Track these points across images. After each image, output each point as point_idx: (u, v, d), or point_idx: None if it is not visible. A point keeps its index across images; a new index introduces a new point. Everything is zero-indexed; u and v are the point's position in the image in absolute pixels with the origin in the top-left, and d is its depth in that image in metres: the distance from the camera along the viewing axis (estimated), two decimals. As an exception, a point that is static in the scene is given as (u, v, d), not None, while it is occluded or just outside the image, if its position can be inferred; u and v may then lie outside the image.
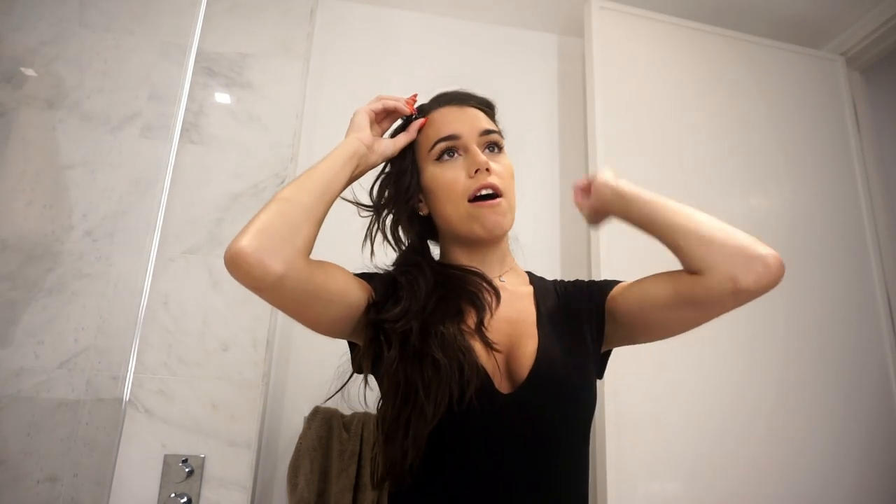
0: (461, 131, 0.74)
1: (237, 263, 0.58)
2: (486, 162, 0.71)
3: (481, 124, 0.75)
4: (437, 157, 0.75)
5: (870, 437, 1.41)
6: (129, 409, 1.18)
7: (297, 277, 0.60)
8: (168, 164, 1.31)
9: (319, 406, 1.29)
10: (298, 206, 0.63)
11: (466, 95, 0.80)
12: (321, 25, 1.63)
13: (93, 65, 1.35)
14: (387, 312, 0.67)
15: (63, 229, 1.25)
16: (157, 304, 1.25)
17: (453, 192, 0.72)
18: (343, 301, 0.67)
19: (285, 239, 0.60)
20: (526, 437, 0.66)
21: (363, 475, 1.22)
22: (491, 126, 0.77)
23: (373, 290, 0.71)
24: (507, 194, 0.73)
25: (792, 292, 1.47)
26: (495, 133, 0.76)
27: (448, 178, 0.73)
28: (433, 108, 0.79)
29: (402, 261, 0.79)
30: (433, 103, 0.80)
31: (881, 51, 1.66)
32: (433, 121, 0.77)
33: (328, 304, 0.66)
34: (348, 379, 0.74)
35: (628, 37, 1.56)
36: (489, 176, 0.71)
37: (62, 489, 1.13)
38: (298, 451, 1.24)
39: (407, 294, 0.69)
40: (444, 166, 0.74)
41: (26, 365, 1.16)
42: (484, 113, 0.79)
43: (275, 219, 0.61)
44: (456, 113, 0.77)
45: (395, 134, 0.81)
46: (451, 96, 0.80)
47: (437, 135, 0.75)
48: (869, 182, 1.64)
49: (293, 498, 1.20)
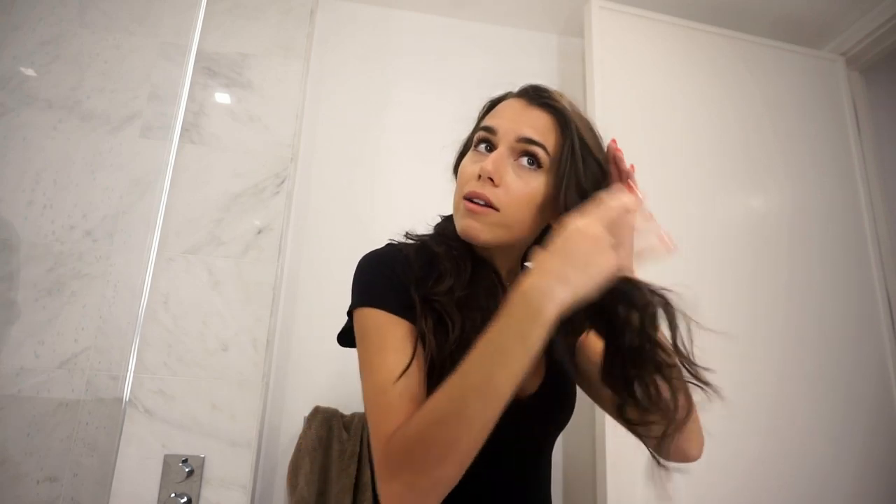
0: (501, 127, 0.67)
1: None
2: (490, 171, 0.64)
3: (526, 131, 0.65)
4: (475, 145, 0.70)
5: (869, 437, 1.41)
6: (129, 409, 1.18)
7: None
8: (168, 164, 1.31)
9: (319, 406, 1.29)
10: None
11: (538, 92, 0.70)
12: (321, 25, 1.63)
13: (93, 65, 1.35)
14: (436, 287, 0.63)
15: (63, 229, 1.25)
16: (157, 304, 1.25)
17: (460, 185, 0.69)
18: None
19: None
20: (526, 439, 0.68)
21: (363, 475, 1.22)
22: (537, 136, 0.65)
23: (415, 325, 0.63)
24: (506, 211, 0.64)
25: (792, 292, 1.47)
26: (537, 146, 0.65)
27: (466, 171, 0.68)
28: (508, 97, 0.73)
29: (442, 229, 0.74)
30: (516, 92, 0.74)
31: (881, 51, 1.66)
32: (498, 107, 0.71)
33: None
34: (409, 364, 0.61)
35: (628, 37, 1.56)
36: (488, 187, 0.64)
37: (62, 489, 1.13)
38: (298, 451, 1.24)
39: (451, 271, 0.65)
40: (474, 157, 0.69)
41: (26, 365, 1.16)
42: (555, 120, 0.67)
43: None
44: (516, 108, 0.69)
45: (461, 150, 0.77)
46: (524, 89, 0.72)
47: (487, 121, 0.70)
48: (869, 182, 1.64)
49: (293, 498, 1.20)
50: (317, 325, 1.41)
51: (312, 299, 1.43)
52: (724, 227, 1.48)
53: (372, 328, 0.61)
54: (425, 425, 0.52)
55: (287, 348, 1.39)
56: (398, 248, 0.69)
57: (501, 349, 0.51)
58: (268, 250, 1.32)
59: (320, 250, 1.47)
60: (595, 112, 1.45)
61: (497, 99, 0.75)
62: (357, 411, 1.30)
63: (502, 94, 0.75)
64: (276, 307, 1.33)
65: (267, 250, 1.32)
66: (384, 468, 0.53)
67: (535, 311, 0.51)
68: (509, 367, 0.51)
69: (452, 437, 0.50)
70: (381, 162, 1.57)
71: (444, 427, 0.50)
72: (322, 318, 1.41)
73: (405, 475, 0.51)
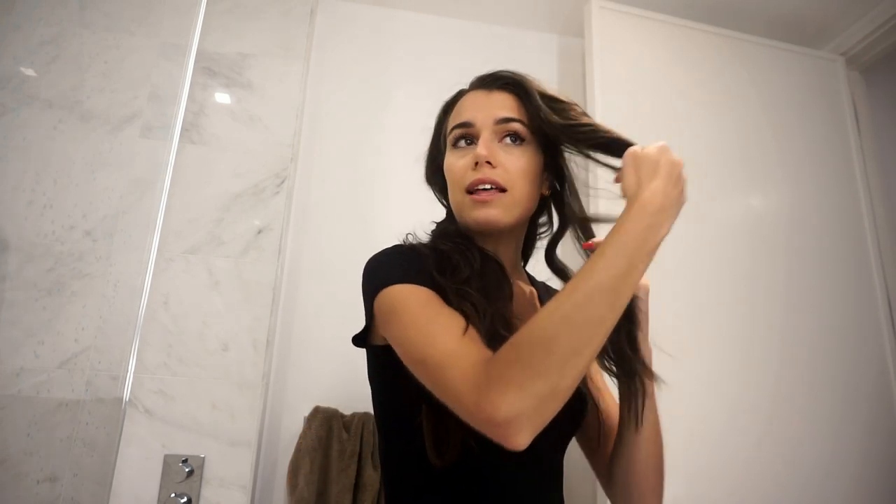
0: (475, 118, 0.69)
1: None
2: (485, 155, 0.66)
3: (499, 112, 0.69)
4: (453, 144, 0.72)
5: (869, 437, 1.41)
6: (129, 409, 1.18)
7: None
8: (168, 164, 1.31)
9: (319, 406, 1.29)
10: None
11: (493, 77, 0.73)
12: (321, 26, 1.63)
13: (93, 65, 1.35)
14: (455, 277, 0.63)
15: (63, 229, 1.25)
16: (157, 304, 1.25)
17: (457, 182, 0.69)
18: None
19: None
20: (550, 437, 0.68)
21: (363, 475, 1.22)
22: (511, 114, 0.69)
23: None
24: (513, 190, 0.67)
25: (791, 292, 1.47)
26: (515, 122, 0.69)
27: (456, 167, 0.69)
28: (465, 92, 0.76)
29: (440, 231, 0.75)
30: (469, 87, 0.77)
31: (881, 51, 1.66)
32: (459, 104, 0.74)
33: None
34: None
35: (628, 37, 1.56)
36: (488, 170, 0.66)
37: (62, 489, 1.13)
38: (298, 451, 1.24)
39: (462, 262, 0.65)
40: (457, 154, 0.70)
41: (26, 365, 1.16)
42: (516, 96, 0.71)
43: None
44: (479, 98, 0.72)
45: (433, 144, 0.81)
46: (480, 79, 0.75)
47: (455, 120, 0.72)
48: (869, 182, 1.64)
49: (293, 498, 1.20)
50: (317, 325, 1.41)
51: (312, 299, 1.43)
52: (723, 227, 1.48)
53: (412, 300, 0.59)
54: (548, 326, 0.49)
55: (287, 348, 1.39)
56: (409, 246, 0.70)
57: (627, 254, 0.52)
58: (268, 250, 1.32)
59: (320, 250, 1.47)
60: (595, 112, 1.45)
61: (451, 100, 0.77)
62: (357, 411, 1.30)
63: (454, 95, 0.77)
64: (276, 307, 1.33)
65: (267, 250, 1.32)
66: (484, 381, 0.48)
67: (658, 222, 0.54)
68: (632, 274, 0.52)
69: (577, 338, 0.48)
70: (381, 161, 1.57)
71: (570, 327, 0.48)
72: (322, 318, 1.41)
73: (520, 379, 0.47)
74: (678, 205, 0.58)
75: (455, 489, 0.63)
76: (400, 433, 0.66)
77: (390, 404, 0.67)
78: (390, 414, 0.68)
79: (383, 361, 0.65)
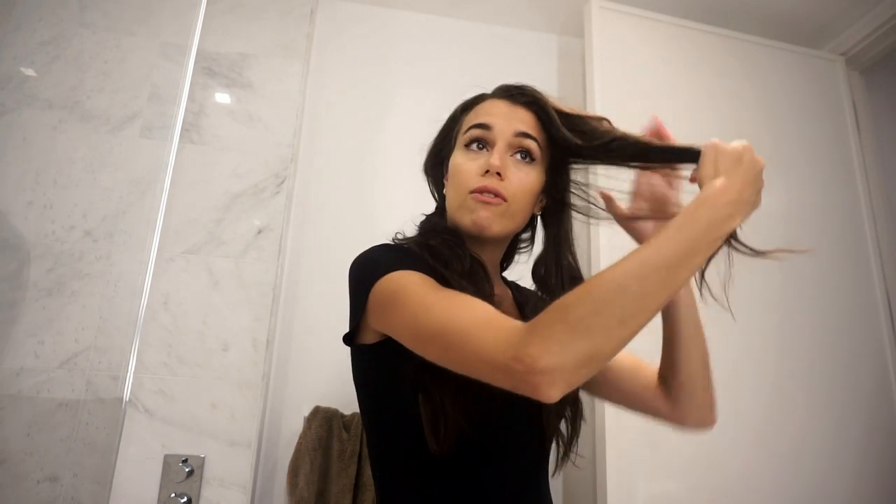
0: (495, 124, 0.70)
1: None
2: (498, 166, 0.67)
3: (520, 126, 0.70)
4: (466, 143, 0.72)
5: (868, 437, 1.41)
6: (129, 409, 1.18)
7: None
8: (168, 164, 1.31)
9: (319, 406, 1.29)
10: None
11: (520, 92, 0.73)
12: (321, 26, 1.63)
13: (93, 65, 1.35)
14: (448, 269, 0.65)
15: (63, 229, 1.25)
16: (157, 304, 1.25)
17: (462, 183, 0.69)
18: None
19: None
20: (534, 437, 0.69)
21: (363, 475, 1.22)
22: (531, 131, 0.70)
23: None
24: (513, 204, 0.68)
25: (791, 292, 1.47)
26: (532, 140, 0.70)
27: (464, 169, 0.70)
28: (486, 97, 0.76)
29: (430, 226, 0.75)
30: (491, 93, 0.76)
31: (881, 51, 1.66)
32: (480, 107, 0.74)
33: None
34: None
35: (628, 37, 1.56)
36: (497, 181, 0.67)
37: (62, 489, 1.13)
38: (298, 451, 1.24)
39: (452, 258, 0.66)
40: (468, 156, 0.71)
41: (26, 365, 1.17)
42: (537, 117, 0.71)
43: None
44: (502, 107, 0.72)
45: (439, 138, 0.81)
46: (505, 89, 0.75)
47: (474, 120, 0.72)
48: (869, 182, 1.64)
49: (293, 498, 1.20)
50: (317, 325, 1.41)
51: (312, 299, 1.43)
52: (724, 227, 1.48)
53: (416, 282, 0.60)
54: (602, 290, 0.49)
55: (287, 348, 1.39)
56: (397, 244, 0.71)
57: (692, 237, 0.52)
58: (268, 250, 1.32)
59: (320, 250, 1.47)
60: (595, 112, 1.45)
61: (472, 101, 0.77)
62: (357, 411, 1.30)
63: (476, 96, 0.77)
64: (275, 307, 1.33)
65: (267, 250, 1.32)
66: (526, 336, 0.48)
67: (728, 213, 0.54)
68: (693, 258, 0.52)
69: (627, 308, 0.48)
70: (381, 161, 1.57)
71: (623, 296, 0.48)
72: (322, 318, 1.41)
73: (565, 337, 0.47)
74: (752, 204, 0.57)
75: (451, 478, 0.64)
76: (394, 427, 0.66)
77: (384, 399, 0.67)
78: (383, 409, 0.68)
79: (376, 357, 0.66)
